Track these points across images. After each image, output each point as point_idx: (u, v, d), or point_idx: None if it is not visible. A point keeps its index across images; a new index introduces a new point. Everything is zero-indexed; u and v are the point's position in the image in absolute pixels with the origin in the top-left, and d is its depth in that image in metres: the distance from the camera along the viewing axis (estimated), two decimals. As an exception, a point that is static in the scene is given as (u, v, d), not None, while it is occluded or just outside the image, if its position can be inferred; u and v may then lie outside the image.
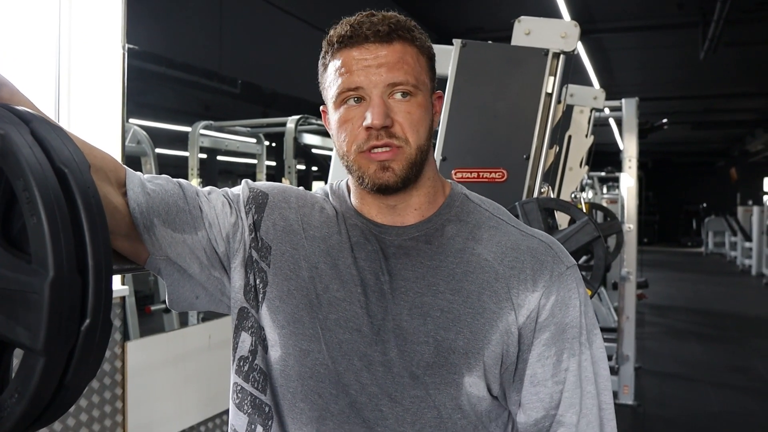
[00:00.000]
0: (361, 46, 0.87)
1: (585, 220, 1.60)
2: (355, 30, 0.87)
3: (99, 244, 0.59)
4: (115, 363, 2.45)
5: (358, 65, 0.86)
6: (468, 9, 7.78)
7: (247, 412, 0.92)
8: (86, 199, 0.59)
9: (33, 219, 0.56)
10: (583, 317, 0.91)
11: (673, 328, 7.64)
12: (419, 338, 0.88)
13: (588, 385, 0.90)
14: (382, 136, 0.86)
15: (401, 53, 0.87)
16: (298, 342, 0.90)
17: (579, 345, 0.90)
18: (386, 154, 0.86)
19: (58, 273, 0.55)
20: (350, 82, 0.86)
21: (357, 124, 0.87)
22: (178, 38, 5.29)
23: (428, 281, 0.89)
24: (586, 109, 3.64)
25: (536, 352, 0.89)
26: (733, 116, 15.58)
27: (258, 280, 0.92)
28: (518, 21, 1.97)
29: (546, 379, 0.89)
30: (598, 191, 9.41)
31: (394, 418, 0.87)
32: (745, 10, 7.26)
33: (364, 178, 0.88)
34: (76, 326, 0.57)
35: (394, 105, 0.86)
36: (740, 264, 13.93)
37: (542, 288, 0.89)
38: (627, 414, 4.50)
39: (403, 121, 0.86)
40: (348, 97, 0.87)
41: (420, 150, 0.88)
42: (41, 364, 0.56)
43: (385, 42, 0.86)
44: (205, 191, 0.95)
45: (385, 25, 0.87)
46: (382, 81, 0.85)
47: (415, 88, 0.87)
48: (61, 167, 0.59)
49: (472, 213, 0.95)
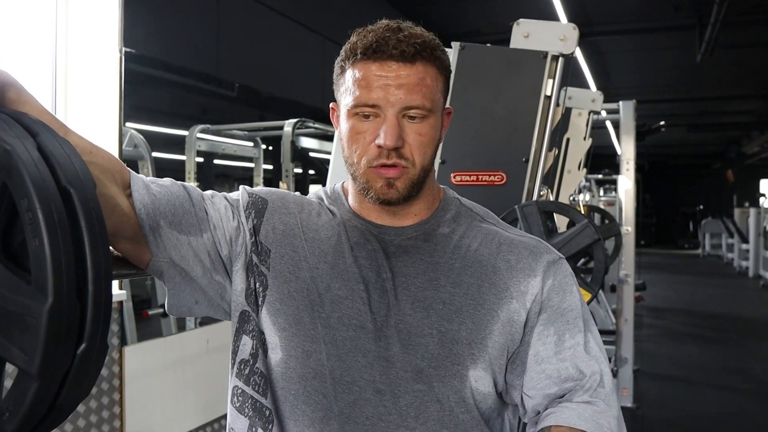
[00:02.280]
0: (384, 63, 0.87)
1: (585, 223, 1.60)
2: (380, 45, 0.86)
3: (100, 268, 0.58)
4: (113, 368, 2.44)
5: (378, 82, 0.86)
6: (465, 12, 7.80)
7: (247, 415, 0.92)
8: (89, 220, 0.59)
9: (35, 241, 0.55)
10: (582, 305, 0.95)
11: (671, 330, 7.64)
12: (423, 331, 0.90)
13: (599, 362, 0.92)
14: (392, 156, 0.88)
15: (422, 75, 0.88)
16: (300, 343, 0.90)
17: (582, 325, 0.93)
18: (393, 171, 0.88)
19: (58, 299, 0.55)
20: (368, 98, 0.87)
21: (369, 139, 0.88)
22: (175, 42, 5.28)
23: (429, 276, 0.92)
24: (584, 111, 3.64)
25: (537, 332, 0.93)
26: (729, 118, 15.63)
27: (258, 284, 0.93)
28: (517, 24, 1.97)
29: (549, 356, 0.92)
30: (595, 194, 9.42)
31: (397, 413, 0.89)
32: (741, 13, 7.29)
33: (369, 191, 0.90)
34: (71, 350, 0.57)
35: (406, 126, 0.88)
36: (737, 266, 13.94)
37: (541, 273, 0.94)
38: (626, 416, 4.43)
39: (413, 143, 0.88)
40: (363, 112, 0.88)
41: (424, 170, 0.91)
42: (34, 387, 0.55)
43: (408, 62, 0.87)
44: (208, 194, 0.96)
45: (411, 46, 0.86)
46: (400, 102, 0.86)
47: (429, 111, 0.89)
48: (66, 187, 0.58)
49: (464, 216, 0.99)
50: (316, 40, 6.75)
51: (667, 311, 8.79)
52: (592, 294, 1.63)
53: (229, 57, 5.87)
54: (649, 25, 8.39)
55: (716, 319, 8.44)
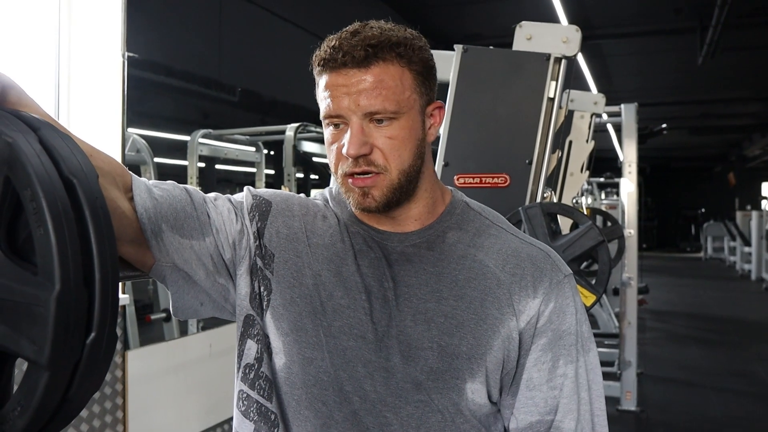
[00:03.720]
0: (340, 71, 0.85)
1: (589, 225, 1.60)
2: (333, 53, 0.85)
3: (106, 256, 0.58)
4: (116, 372, 2.44)
5: (337, 91, 0.85)
6: (466, 16, 7.82)
7: (252, 419, 0.92)
8: (94, 210, 0.58)
9: (40, 230, 0.55)
10: (578, 325, 0.92)
11: (674, 333, 7.63)
12: (423, 344, 0.88)
13: (583, 392, 0.91)
14: (361, 164, 0.86)
15: (379, 76, 0.84)
16: (301, 350, 0.90)
17: (575, 352, 0.91)
18: (366, 180, 0.87)
19: (65, 286, 0.54)
20: (330, 109, 0.86)
21: (340, 148, 0.87)
22: (178, 46, 5.30)
23: (431, 287, 0.90)
24: (586, 114, 3.64)
25: (533, 357, 0.90)
26: (730, 121, 15.63)
27: (262, 288, 0.92)
28: (519, 26, 1.97)
29: (541, 384, 0.90)
30: (597, 197, 9.41)
31: (398, 423, 0.87)
32: (742, 15, 7.29)
33: (350, 199, 0.90)
34: (81, 340, 0.56)
35: (374, 131, 0.86)
36: (739, 269, 13.91)
37: (542, 295, 0.90)
38: (630, 420, 4.48)
39: (383, 147, 0.86)
40: (331, 123, 0.88)
41: (404, 173, 0.88)
42: (45, 378, 0.55)
43: (363, 66, 0.84)
44: (211, 197, 0.95)
45: (361, 50, 0.84)
46: (360, 109, 0.84)
47: (395, 113, 0.85)
48: (69, 177, 0.58)
49: (472, 221, 0.96)
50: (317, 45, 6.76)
51: (669, 314, 8.78)
52: (597, 296, 1.63)
53: (231, 61, 5.88)
54: (650, 28, 8.39)
55: (719, 322, 8.42)
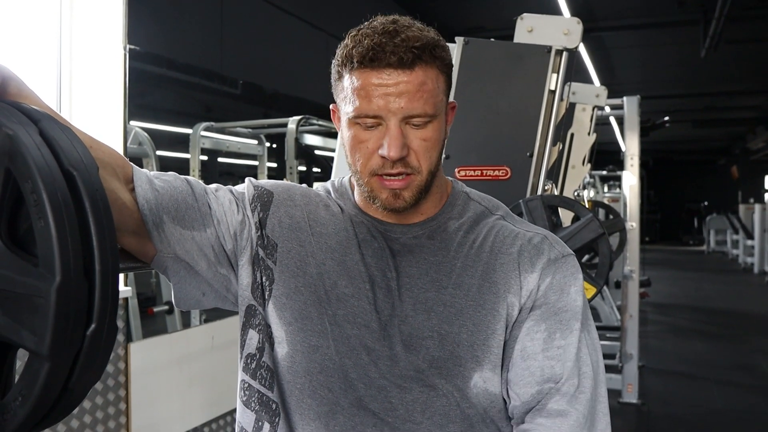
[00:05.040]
0: (382, 71, 0.84)
1: (590, 217, 1.60)
2: (377, 52, 0.83)
3: (106, 248, 0.58)
4: (119, 364, 2.45)
5: (377, 91, 0.84)
6: (469, 8, 7.78)
7: (254, 409, 0.93)
8: (94, 202, 0.59)
9: (40, 222, 0.55)
10: (578, 303, 0.92)
11: (676, 326, 7.63)
12: (424, 333, 0.89)
13: (585, 367, 0.90)
14: (398, 165, 0.86)
15: (422, 79, 0.85)
16: (306, 338, 0.90)
17: (576, 327, 0.90)
18: (399, 182, 0.87)
19: (65, 277, 0.55)
20: (368, 109, 0.84)
21: (372, 148, 0.86)
22: (179, 39, 5.29)
23: (432, 277, 0.91)
24: (588, 107, 3.64)
25: (526, 327, 0.90)
26: (734, 114, 15.56)
27: (264, 278, 0.93)
28: (521, 18, 1.97)
29: (536, 353, 0.89)
30: (600, 190, 9.40)
31: (404, 408, 0.88)
32: (745, 7, 7.25)
33: (375, 200, 0.90)
34: (81, 331, 0.57)
35: (410, 133, 0.86)
36: (742, 262, 13.90)
37: (540, 269, 0.92)
38: (631, 412, 4.49)
39: (418, 149, 0.87)
40: (365, 123, 0.86)
41: (431, 173, 0.89)
42: (46, 368, 0.55)
43: (408, 69, 0.84)
44: (212, 188, 0.95)
45: (409, 51, 0.83)
46: (401, 111, 0.84)
47: (432, 116, 0.87)
48: (69, 169, 0.58)
49: (472, 210, 0.98)
50: (320, 37, 6.74)
51: (672, 307, 8.77)
52: (597, 288, 1.63)
53: (233, 54, 5.87)
54: (653, 21, 8.35)
55: (721, 315, 8.42)
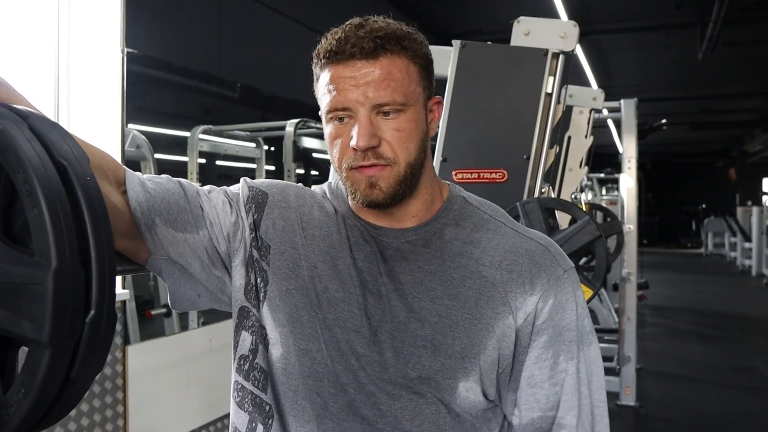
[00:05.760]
0: (347, 63, 0.85)
1: (586, 220, 1.60)
2: (340, 45, 0.85)
3: (101, 235, 0.58)
4: (116, 367, 2.45)
5: (344, 84, 0.85)
6: (466, 11, 7.80)
7: (247, 410, 0.93)
8: (87, 191, 0.59)
9: (34, 211, 0.55)
10: (579, 320, 0.92)
11: (674, 328, 7.64)
12: (416, 342, 0.88)
13: (583, 387, 0.92)
14: (369, 156, 0.86)
15: (388, 68, 0.85)
16: (297, 341, 0.90)
17: (576, 348, 0.91)
18: (373, 170, 0.87)
19: (61, 262, 0.55)
20: (337, 102, 0.86)
21: (346, 142, 0.87)
22: (177, 42, 5.29)
23: (426, 286, 0.90)
24: (585, 109, 3.64)
25: (534, 355, 0.90)
26: (731, 116, 15.60)
27: (259, 279, 0.92)
28: (517, 21, 1.97)
29: (543, 381, 0.90)
30: (597, 193, 9.41)
31: (392, 415, 0.88)
32: (742, 10, 7.27)
33: (356, 194, 0.89)
34: (80, 318, 0.57)
35: (382, 123, 0.86)
36: (740, 264, 13.92)
37: (540, 291, 0.90)
38: (629, 415, 4.49)
39: (392, 140, 0.86)
40: (335, 116, 0.87)
41: (410, 166, 0.88)
42: (47, 356, 0.55)
43: (371, 58, 0.85)
44: (206, 190, 0.95)
45: (370, 41, 0.84)
46: (369, 101, 0.85)
47: (403, 105, 0.86)
48: (60, 161, 0.59)
49: (470, 216, 0.96)
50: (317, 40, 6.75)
51: (670, 310, 8.78)
52: (594, 291, 1.63)
53: (231, 57, 5.87)
54: (650, 23, 8.37)
55: (719, 317, 8.43)
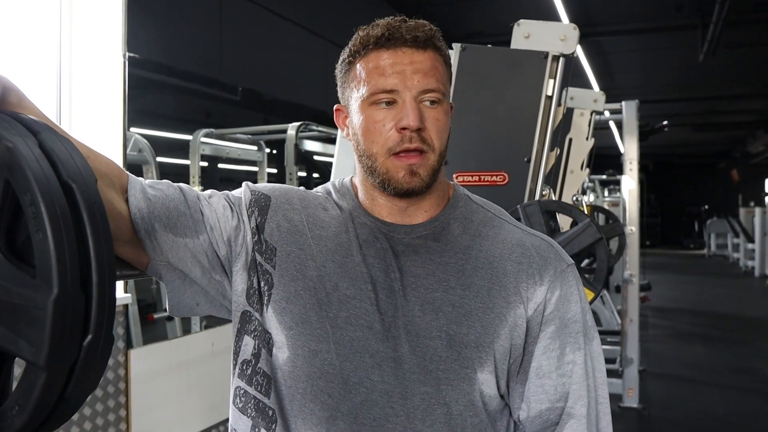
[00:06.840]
0: (398, 50, 0.88)
1: (587, 222, 1.60)
2: (393, 33, 0.88)
3: (103, 260, 0.59)
4: (119, 371, 2.45)
5: (393, 68, 0.88)
6: (468, 14, 7.82)
7: (250, 415, 0.92)
8: (92, 214, 0.59)
9: (39, 235, 0.56)
10: (583, 314, 0.94)
11: (676, 330, 7.62)
12: (431, 333, 0.89)
13: (590, 380, 0.93)
14: (415, 138, 0.88)
15: (434, 61, 0.90)
16: (306, 342, 0.90)
17: (582, 339, 0.93)
18: (416, 158, 0.88)
19: (62, 289, 0.55)
20: (384, 84, 0.87)
21: (388, 126, 0.88)
22: (179, 46, 5.31)
23: (438, 277, 0.91)
24: (586, 112, 3.64)
25: (542, 345, 0.92)
26: (733, 118, 15.60)
27: (263, 283, 0.92)
28: (518, 24, 1.98)
29: (551, 372, 0.92)
30: (599, 194, 9.41)
31: (405, 414, 0.88)
32: (743, 12, 7.28)
33: (390, 182, 0.90)
34: (78, 341, 0.58)
35: (424, 110, 0.89)
36: (743, 266, 13.89)
37: (548, 282, 0.93)
38: (632, 417, 4.48)
39: (431, 128, 0.89)
40: (380, 100, 0.88)
41: (441, 157, 0.91)
42: (43, 379, 0.56)
43: (421, 48, 0.89)
44: (206, 194, 0.95)
45: (422, 32, 0.89)
46: (417, 86, 0.88)
47: (443, 96, 0.90)
48: (68, 181, 0.59)
49: (475, 213, 0.98)
50: (318, 44, 6.77)
51: (672, 311, 8.77)
52: (595, 293, 1.63)
53: (232, 61, 5.89)
54: (651, 25, 8.38)
55: (722, 319, 8.41)
